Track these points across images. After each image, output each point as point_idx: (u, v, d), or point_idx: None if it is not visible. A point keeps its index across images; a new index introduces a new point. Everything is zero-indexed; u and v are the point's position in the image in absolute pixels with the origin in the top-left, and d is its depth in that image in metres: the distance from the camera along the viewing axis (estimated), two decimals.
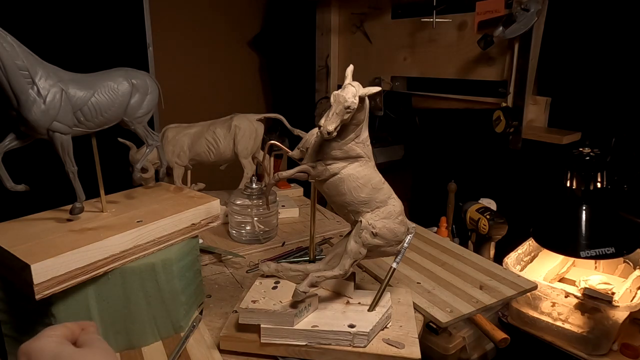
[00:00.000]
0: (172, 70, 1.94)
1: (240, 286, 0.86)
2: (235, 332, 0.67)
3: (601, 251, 1.18)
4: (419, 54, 1.68)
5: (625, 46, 1.30)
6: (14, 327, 0.62)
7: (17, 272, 0.55)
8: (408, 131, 1.86)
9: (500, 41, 1.36)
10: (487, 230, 1.31)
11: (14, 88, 0.59)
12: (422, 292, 0.83)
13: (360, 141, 0.66)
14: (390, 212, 0.68)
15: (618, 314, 1.11)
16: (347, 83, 0.61)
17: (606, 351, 1.16)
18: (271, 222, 1.05)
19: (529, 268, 1.34)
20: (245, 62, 2.26)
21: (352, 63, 0.65)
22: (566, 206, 1.25)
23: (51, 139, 0.63)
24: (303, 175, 0.68)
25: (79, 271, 0.58)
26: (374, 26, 1.82)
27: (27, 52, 0.60)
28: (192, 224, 0.73)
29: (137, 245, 0.65)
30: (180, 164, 1.14)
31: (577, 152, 1.23)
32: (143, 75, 0.72)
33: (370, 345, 0.64)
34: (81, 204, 0.67)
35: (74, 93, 0.63)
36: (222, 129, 1.14)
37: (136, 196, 0.78)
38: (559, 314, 1.21)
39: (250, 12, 2.21)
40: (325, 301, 0.71)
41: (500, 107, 1.41)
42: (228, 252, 0.97)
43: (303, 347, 0.65)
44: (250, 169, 1.17)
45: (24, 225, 0.65)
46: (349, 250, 0.67)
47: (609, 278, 1.30)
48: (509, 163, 1.53)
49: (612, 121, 1.35)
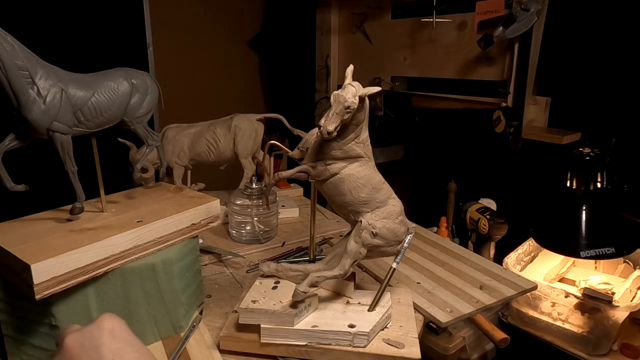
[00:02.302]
0: (172, 70, 1.94)
1: (240, 286, 0.86)
2: (235, 332, 0.67)
3: (601, 251, 1.18)
4: (419, 54, 1.68)
5: (625, 46, 1.30)
6: (14, 327, 0.62)
7: (17, 272, 0.55)
8: (408, 131, 1.86)
9: (500, 41, 1.36)
10: (487, 230, 1.31)
11: (14, 88, 0.59)
12: (422, 292, 0.83)
13: (360, 141, 0.66)
14: (390, 212, 0.68)
15: (618, 314, 1.11)
16: (347, 83, 0.61)
17: (606, 351, 1.16)
18: (271, 222, 1.05)
19: (529, 268, 1.34)
20: (245, 62, 2.26)
21: (352, 63, 0.65)
22: (566, 206, 1.25)
23: (51, 139, 0.63)
24: (303, 175, 0.68)
25: (79, 271, 0.58)
26: (374, 26, 1.82)
27: (27, 52, 0.60)
28: (192, 224, 0.73)
29: (137, 245, 0.65)
30: (180, 164, 1.14)
31: (577, 152, 1.23)
32: (143, 75, 0.72)
33: (370, 345, 0.64)
34: (81, 204, 0.67)
35: (74, 93, 0.63)
36: (222, 129, 1.14)
37: (136, 196, 0.78)
38: (559, 314, 1.21)
39: (250, 12, 2.21)
40: (325, 301, 0.71)
41: (500, 107, 1.41)
42: (228, 252, 0.97)
43: (303, 347, 0.65)
44: (250, 169, 1.17)
45: (24, 225, 0.65)
46: (349, 250, 0.67)
47: (609, 278, 1.30)
48: (509, 163, 1.53)
49: (612, 121, 1.35)
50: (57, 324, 0.59)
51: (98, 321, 0.44)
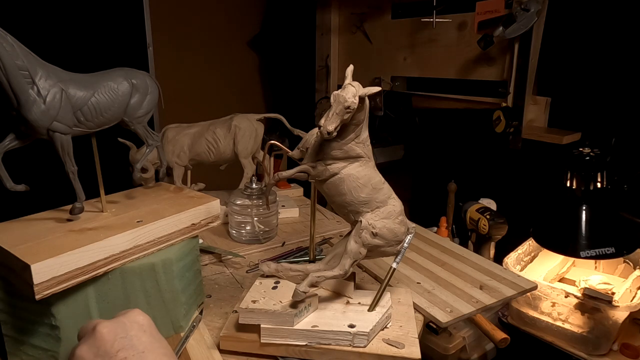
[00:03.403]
0: (172, 70, 1.94)
1: (240, 286, 0.86)
2: (235, 332, 0.67)
3: (601, 251, 1.18)
4: (419, 54, 1.68)
5: (625, 46, 1.30)
6: (14, 327, 0.62)
7: (17, 272, 0.55)
8: (408, 131, 1.86)
9: (500, 41, 1.36)
10: (487, 230, 1.31)
11: (14, 88, 0.59)
12: (422, 292, 0.83)
13: (360, 141, 0.66)
14: (390, 212, 0.68)
15: (618, 314, 1.11)
16: (347, 83, 0.61)
17: (606, 351, 1.16)
18: (271, 222, 1.05)
19: (529, 268, 1.34)
20: (245, 62, 2.26)
21: (352, 63, 0.65)
22: (566, 206, 1.25)
23: (51, 139, 0.63)
24: (303, 175, 0.68)
25: (79, 271, 0.58)
26: (374, 26, 1.82)
27: (27, 52, 0.60)
28: (192, 224, 0.73)
29: (137, 245, 0.65)
30: (180, 164, 1.14)
31: (577, 152, 1.23)
32: (143, 75, 0.72)
33: (370, 345, 0.64)
34: (81, 204, 0.67)
35: (74, 93, 0.63)
36: (222, 129, 1.14)
37: (136, 196, 0.78)
38: (559, 314, 1.21)
39: (250, 12, 2.21)
40: (325, 301, 0.71)
41: (500, 107, 1.41)
42: (228, 252, 0.97)
43: (303, 347, 0.64)
44: (250, 169, 1.17)
45: (24, 225, 0.65)
46: (349, 250, 0.67)
47: (609, 278, 1.30)
48: (509, 163, 1.53)
49: (612, 121, 1.35)
50: (57, 324, 0.59)
51: (129, 314, 0.47)
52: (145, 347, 0.43)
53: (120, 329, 0.44)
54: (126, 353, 0.42)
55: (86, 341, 0.44)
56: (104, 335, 0.43)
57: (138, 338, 0.44)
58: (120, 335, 0.44)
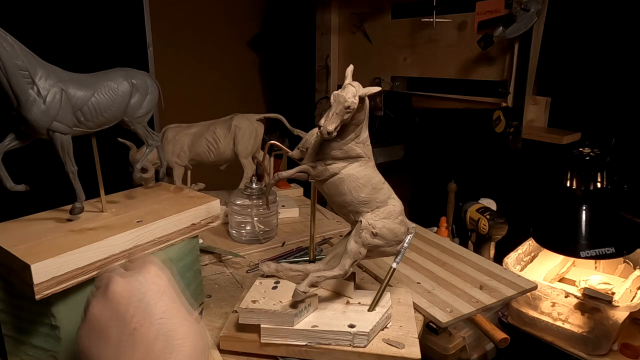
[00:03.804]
0: (172, 70, 1.94)
1: (240, 286, 0.86)
2: (235, 332, 0.67)
3: (601, 251, 1.18)
4: (419, 54, 1.68)
5: (625, 46, 1.30)
6: (14, 327, 0.62)
7: (17, 272, 0.55)
8: (408, 131, 1.86)
9: (500, 41, 1.36)
10: (487, 230, 1.31)
11: (14, 88, 0.59)
12: (422, 292, 0.83)
13: (360, 141, 0.66)
14: (390, 212, 0.68)
15: (618, 314, 1.11)
16: (347, 83, 0.61)
17: (606, 351, 1.16)
18: (271, 222, 1.05)
19: (529, 268, 1.34)
20: (245, 62, 2.26)
21: (352, 63, 0.65)
22: (566, 206, 1.25)
23: (51, 139, 0.63)
24: (303, 175, 0.68)
25: (79, 271, 0.58)
26: (374, 26, 1.82)
27: (27, 52, 0.59)
28: (192, 224, 0.73)
29: (137, 245, 0.65)
30: (180, 164, 1.14)
31: (577, 152, 1.23)
32: (143, 75, 0.72)
33: (370, 345, 0.64)
34: (81, 204, 0.67)
35: (74, 93, 0.63)
36: (222, 129, 1.14)
37: (136, 196, 0.78)
38: (559, 314, 1.21)
39: (250, 12, 2.21)
40: (325, 301, 0.71)
41: (500, 107, 1.41)
42: (228, 252, 0.97)
43: (303, 347, 0.64)
44: (250, 169, 1.17)
45: (24, 225, 0.65)
46: (349, 250, 0.67)
47: (609, 278, 1.30)
48: (509, 163, 1.53)
49: (612, 121, 1.35)
50: (57, 324, 0.59)
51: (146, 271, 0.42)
52: (163, 313, 0.40)
53: (135, 289, 0.41)
54: (142, 320, 0.39)
55: (100, 298, 0.41)
56: (117, 296, 0.40)
57: (154, 303, 0.41)
58: (136, 297, 0.40)
